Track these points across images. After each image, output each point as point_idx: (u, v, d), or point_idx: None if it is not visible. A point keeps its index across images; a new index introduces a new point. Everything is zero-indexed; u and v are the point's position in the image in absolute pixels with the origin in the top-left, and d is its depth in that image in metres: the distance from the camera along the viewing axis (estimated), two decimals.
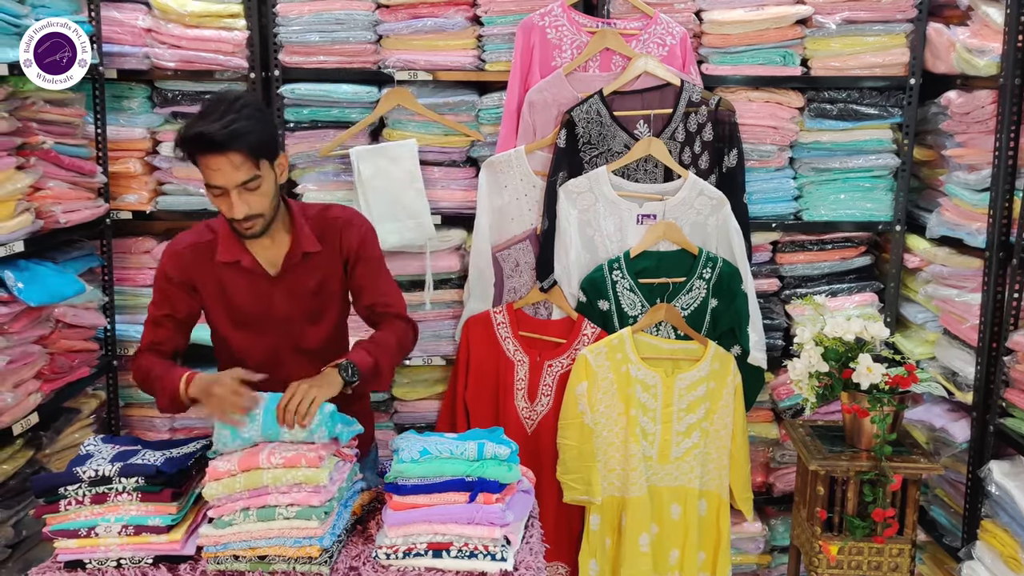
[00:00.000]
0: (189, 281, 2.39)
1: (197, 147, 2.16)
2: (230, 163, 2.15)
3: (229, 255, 2.36)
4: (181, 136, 2.18)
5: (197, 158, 2.18)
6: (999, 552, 2.75)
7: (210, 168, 2.17)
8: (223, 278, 2.38)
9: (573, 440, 3.09)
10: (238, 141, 2.14)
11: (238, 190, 2.19)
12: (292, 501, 2.01)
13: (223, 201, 2.22)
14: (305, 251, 2.38)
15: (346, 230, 2.43)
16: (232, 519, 2.01)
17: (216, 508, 2.04)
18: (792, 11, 3.17)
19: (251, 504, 2.02)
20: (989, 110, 2.87)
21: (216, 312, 2.43)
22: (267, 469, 2.03)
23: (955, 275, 3.06)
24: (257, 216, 2.24)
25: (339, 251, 2.43)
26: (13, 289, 2.68)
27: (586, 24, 3.20)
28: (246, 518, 2.01)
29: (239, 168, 2.16)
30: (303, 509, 2.01)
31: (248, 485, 2.03)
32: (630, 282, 3.12)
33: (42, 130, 2.89)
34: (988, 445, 2.89)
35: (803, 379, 2.87)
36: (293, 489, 2.02)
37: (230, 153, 2.14)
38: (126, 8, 3.27)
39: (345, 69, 3.27)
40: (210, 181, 2.19)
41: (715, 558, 3.20)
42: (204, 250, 2.38)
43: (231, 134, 2.13)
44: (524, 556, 2.08)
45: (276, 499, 2.02)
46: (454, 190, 3.34)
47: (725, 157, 3.17)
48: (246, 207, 2.21)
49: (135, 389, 3.49)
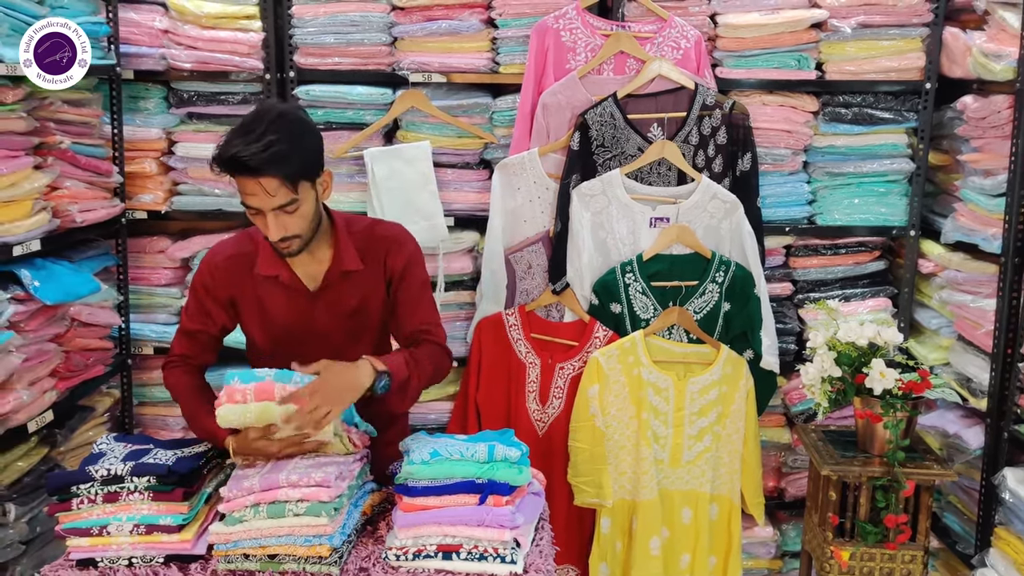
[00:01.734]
0: (227, 293, 2.33)
1: (232, 169, 2.06)
2: (265, 188, 2.06)
3: (269, 269, 2.29)
4: (218, 154, 2.08)
5: (235, 177, 2.09)
6: (1013, 560, 2.73)
7: (245, 191, 2.09)
8: (261, 291, 2.32)
9: (584, 443, 3.09)
10: (275, 167, 2.04)
11: (275, 212, 2.10)
12: (303, 496, 2.01)
13: (259, 220, 2.14)
14: (345, 269, 2.30)
15: (392, 250, 2.35)
16: (243, 515, 2.02)
17: (227, 503, 2.04)
18: (807, 15, 3.16)
19: (261, 500, 2.02)
20: (1005, 115, 2.85)
21: (253, 325, 2.37)
22: (279, 407, 2.03)
23: (970, 280, 3.04)
24: (294, 237, 2.16)
25: (383, 271, 2.34)
26: (29, 287, 2.70)
27: (600, 27, 3.20)
28: (256, 514, 2.01)
29: (275, 193, 2.07)
30: (313, 505, 2.01)
31: (260, 419, 2.04)
32: (643, 285, 3.12)
33: (59, 130, 2.91)
34: (1002, 452, 2.88)
35: (816, 384, 2.86)
36: (303, 480, 2.02)
37: (265, 178, 2.05)
38: (143, 9, 3.29)
39: (360, 71, 3.28)
40: (246, 202, 2.11)
41: (726, 563, 3.19)
42: (243, 262, 2.31)
43: (268, 159, 2.03)
44: (534, 559, 2.08)
45: (287, 494, 2.02)
46: (467, 192, 3.35)
47: (739, 161, 3.16)
48: (283, 229, 2.13)
49: (149, 388, 3.52)
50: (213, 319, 2.36)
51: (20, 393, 2.66)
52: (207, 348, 2.41)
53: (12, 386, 2.64)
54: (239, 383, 2.09)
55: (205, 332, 2.38)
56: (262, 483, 2.03)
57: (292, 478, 2.03)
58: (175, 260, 3.43)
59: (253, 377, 2.11)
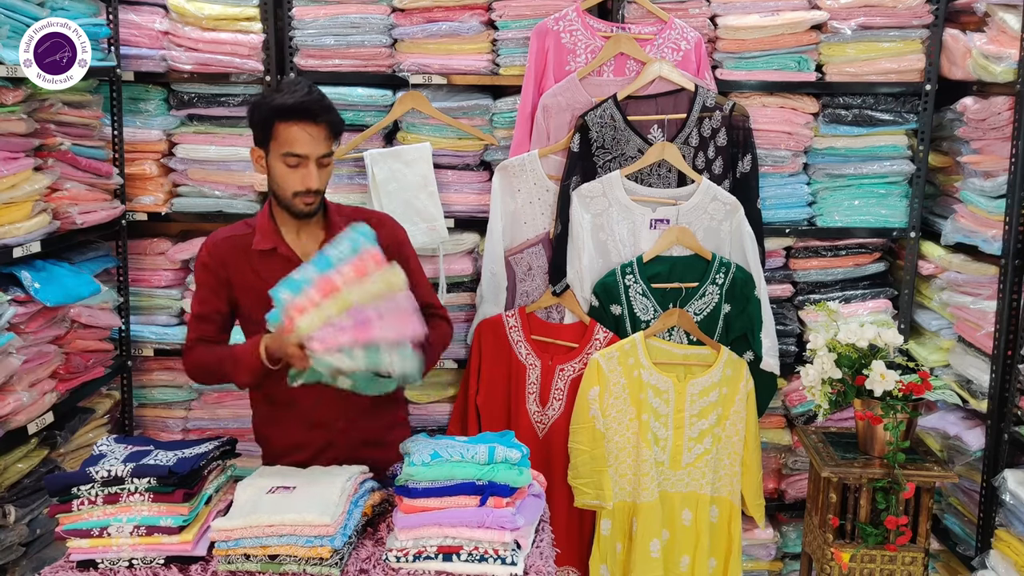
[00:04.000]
0: (224, 272, 2.40)
1: (292, 114, 2.23)
2: (320, 133, 2.26)
3: (266, 243, 2.38)
4: (272, 104, 2.25)
5: (280, 127, 2.25)
6: (1013, 561, 2.73)
7: (298, 137, 2.25)
8: (259, 267, 2.39)
9: (585, 444, 3.09)
10: (330, 114, 2.28)
11: (318, 160, 2.28)
12: (395, 334, 2.03)
13: (297, 172, 2.28)
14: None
15: (380, 229, 2.39)
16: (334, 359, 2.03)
17: (320, 341, 2.03)
18: (807, 16, 3.16)
19: (356, 338, 2.01)
20: (1005, 116, 2.86)
21: (250, 303, 2.41)
22: (346, 288, 2.06)
23: (970, 282, 3.04)
24: (319, 192, 2.32)
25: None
26: (30, 289, 2.71)
27: (600, 29, 3.20)
28: (351, 357, 2.03)
29: (323, 141, 2.28)
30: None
31: (341, 309, 2.05)
32: (643, 287, 3.12)
33: (60, 131, 2.91)
34: (1003, 453, 2.88)
35: (816, 385, 2.86)
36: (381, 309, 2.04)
37: (322, 124, 2.26)
38: (144, 11, 3.29)
39: (360, 72, 3.28)
40: (294, 149, 2.25)
41: (726, 565, 3.19)
42: (240, 242, 2.41)
43: (325, 107, 2.27)
44: (534, 560, 2.08)
45: (379, 331, 2.02)
46: (467, 194, 3.35)
47: (739, 162, 3.16)
48: (318, 180, 2.29)
49: (149, 390, 3.52)
50: (219, 296, 2.43)
51: (20, 395, 2.66)
52: (220, 328, 2.46)
53: (12, 388, 2.64)
54: (289, 294, 2.09)
55: (215, 311, 2.44)
56: (319, 291, 2.06)
57: (345, 273, 2.07)
58: (175, 262, 3.43)
59: (297, 284, 2.10)
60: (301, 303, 2.08)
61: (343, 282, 2.08)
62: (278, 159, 2.28)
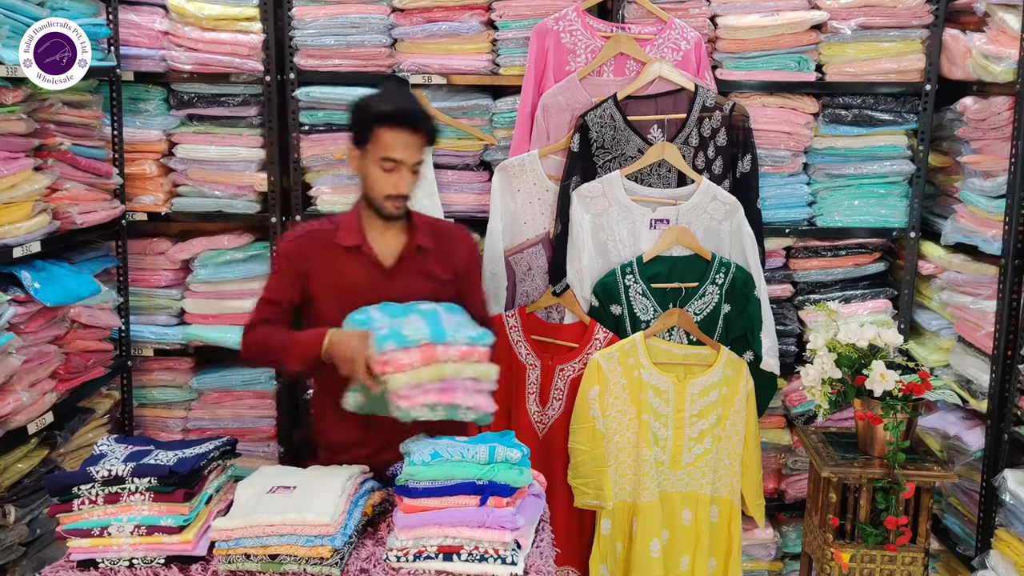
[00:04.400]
0: (304, 264, 2.45)
1: (394, 121, 2.33)
2: (418, 142, 2.36)
3: (350, 240, 2.44)
4: (375, 109, 2.34)
5: (381, 131, 2.33)
6: (1013, 561, 2.73)
7: (394, 142, 2.33)
8: (340, 263, 2.44)
9: (585, 444, 3.09)
10: (428, 123, 2.39)
11: (410, 168, 2.37)
12: (473, 404, 2.21)
13: (391, 176, 2.36)
14: (420, 244, 2.47)
15: (458, 242, 2.57)
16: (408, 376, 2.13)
17: (407, 400, 2.13)
18: (807, 16, 3.16)
19: (440, 400, 2.17)
20: (1005, 116, 2.86)
21: (324, 296, 2.45)
22: (447, 362, 2.17)
23: (970, 282, 3.04)
24: (407, 197, 2.41)
25: (450, 259, 2.52)
26: (30, 289, 2.71)
27: (600, 29, 3.20)
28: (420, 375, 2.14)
29: (419, 149, 2.38)
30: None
31: (433, 376, 2.16)
32: (643, 287, 3.12)
33: (59, 131, 2.91)
34: (1003, 453, 2.88)
35: (816, 385, 2.86)
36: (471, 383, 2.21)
37: (420, 133, 2.36)
38: (143, 11, 3.29)
39: (360, 72, 3.28)
40: (391, 155, 2.34)
41: (726, 564, 3.18)
42: (324, 236, 2.47)
43: (425, 116, 2.39)
44: (534, 560, 2.08)
45: (461, 399, 2.19)
46: (467, 194, 3.35)
47: (739, 162, 3.16)
48: (409, 186, 2.39)
49: (149, 389, 3.52)
50: (293, 286, 2.47)
51: (20, 395, 2.66)
52: (285, 314, 2.50)
53: (12, 388, 2.64)
54: (393, 346, 2.16)
55: (286, 299, 2.48)
56: (422, 357, 2.16)
57: (451, 352, 2.19)
58: (175, 262, 3.43)
59: (403, 339, 2.17)
60: (401, 362, 2.15)
61: (446, 358, 2.19)
62: (374, 162, 2.36)
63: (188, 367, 3.53)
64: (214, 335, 3.42)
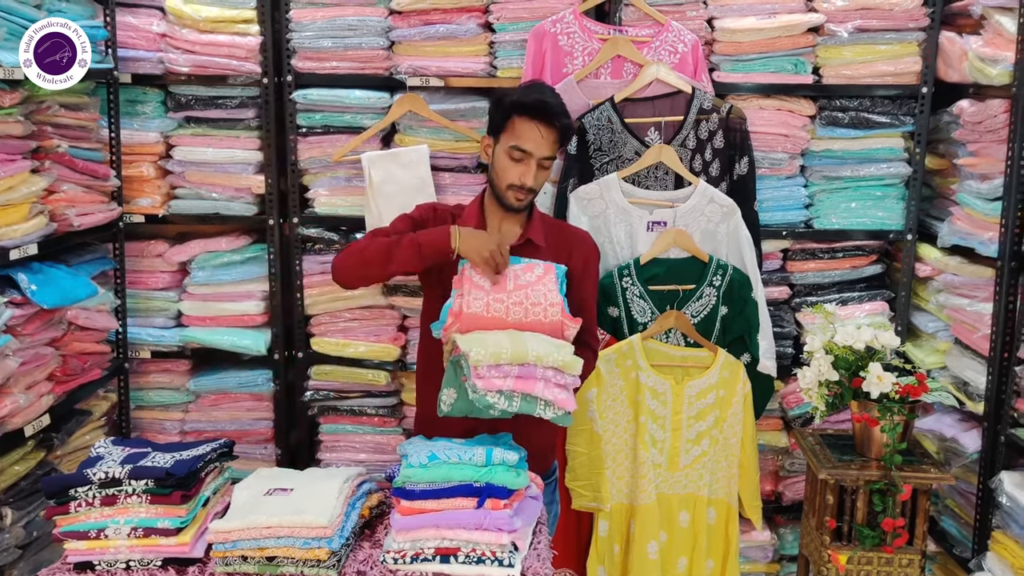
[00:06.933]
0: (425, 228, 2.46)
1: (531, 111, 2.38)
2: (551, 136, 2.40)
3: (468, 223, 2.48)
4: (515, 98, 2.40)
5: (517, 120, 2.39)
6: (1010, 563, 2.74)
7: (529, 134, 2.38)
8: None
9: (582, 447, 3.09)
10: (565, 119, 2.42)
11: (539, 161, 2.40)
12: (553, 398, 2.13)
13: (518, 167, 2.41)
14: (530, 238, 2.50)
15: (578, 245, 2.58)
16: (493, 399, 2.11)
17: (484, 380, 2.10)
18: (804, 19, 3.17)
19: (516, 388, 2.11)
20: (1002, 119, 2.86)
21: (431, 271, 2.48)
22: (531, 337, 2.18)
23: (967, 284, 3.05)
24: (533, 191, 2.44)
25: (565, 261, 2.50)
26: (27, 291, 2.70)
27: (598, 31, 3.20)
28: (509, 401, 2.12)
29: (551, 144, 2.41)
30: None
31: (515, 356, 2.11)
32: (640, 289, 3.12)
33: (57, 134, 2.91)
34: (999, 455, 2.88)
35: (813, 388, 2.87)
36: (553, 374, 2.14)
37: (555, 128, 2.40)
38: (141, 13, 3.29)
39: (357, 75, 3.28)
40: (522, 145, 2.39)
41: (724, 566, 3.19)
42: (447, 213, 2.56)
43: (563, 112, 2.42)
44: (532, 562, 2.08)
45: (541, 389, 2.12)
46: (465, 196, 3.34)
47: (736, 165, 3.16)
48: (534, 179, 2.42)
49: (146, 392, 3.52)
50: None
51: (17, 397, 2.65)
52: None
53: (9, 390, 2.64)
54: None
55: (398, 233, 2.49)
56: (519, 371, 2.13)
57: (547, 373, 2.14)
58: (172, 264, 3.43)
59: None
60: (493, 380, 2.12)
61: (533, 354, 2.14)
62: (505, 150, 2.42)
63: (185, 369, 3.53)
64: (211, 337, 3.42)
